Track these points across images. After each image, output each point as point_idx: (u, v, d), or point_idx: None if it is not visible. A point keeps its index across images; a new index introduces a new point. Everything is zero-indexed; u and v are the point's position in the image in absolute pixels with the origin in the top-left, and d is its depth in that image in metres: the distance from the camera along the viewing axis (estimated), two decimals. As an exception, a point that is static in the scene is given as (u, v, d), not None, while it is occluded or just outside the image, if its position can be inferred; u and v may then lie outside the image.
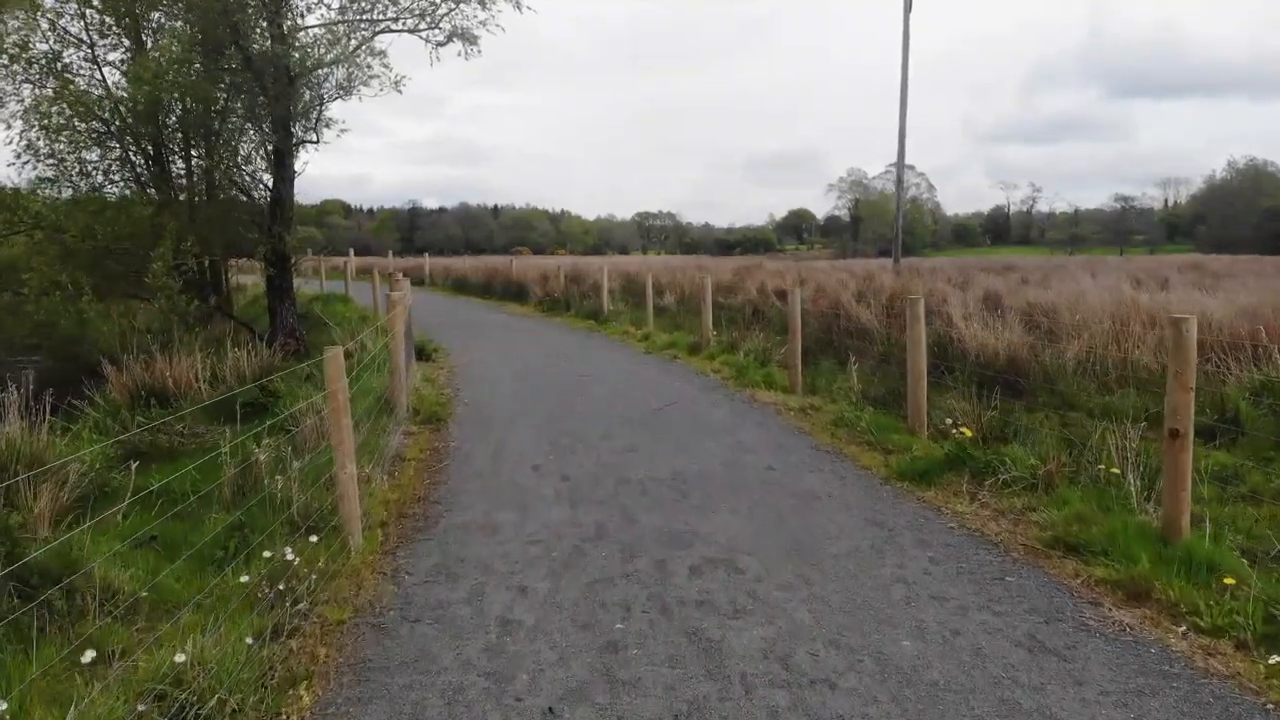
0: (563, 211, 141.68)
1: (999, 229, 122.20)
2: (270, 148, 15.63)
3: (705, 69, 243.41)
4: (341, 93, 16.33)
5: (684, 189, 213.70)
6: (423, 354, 13.07)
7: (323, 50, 15.76)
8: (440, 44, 16.83)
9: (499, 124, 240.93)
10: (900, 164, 36.45)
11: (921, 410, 7.65)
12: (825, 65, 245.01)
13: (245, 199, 15.42)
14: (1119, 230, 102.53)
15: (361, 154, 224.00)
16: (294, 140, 15.71)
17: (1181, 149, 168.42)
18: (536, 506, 6.01)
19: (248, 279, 28.58)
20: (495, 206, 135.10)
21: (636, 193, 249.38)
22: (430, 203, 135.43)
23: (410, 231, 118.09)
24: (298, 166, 16.48)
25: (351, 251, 45.01)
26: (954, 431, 6.84)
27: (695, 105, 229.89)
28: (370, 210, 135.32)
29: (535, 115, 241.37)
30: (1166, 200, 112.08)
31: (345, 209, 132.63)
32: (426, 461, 7.33)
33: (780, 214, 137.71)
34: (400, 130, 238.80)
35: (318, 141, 16.43)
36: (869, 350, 12.68)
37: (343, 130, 17.03)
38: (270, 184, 15.99)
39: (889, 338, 12.91)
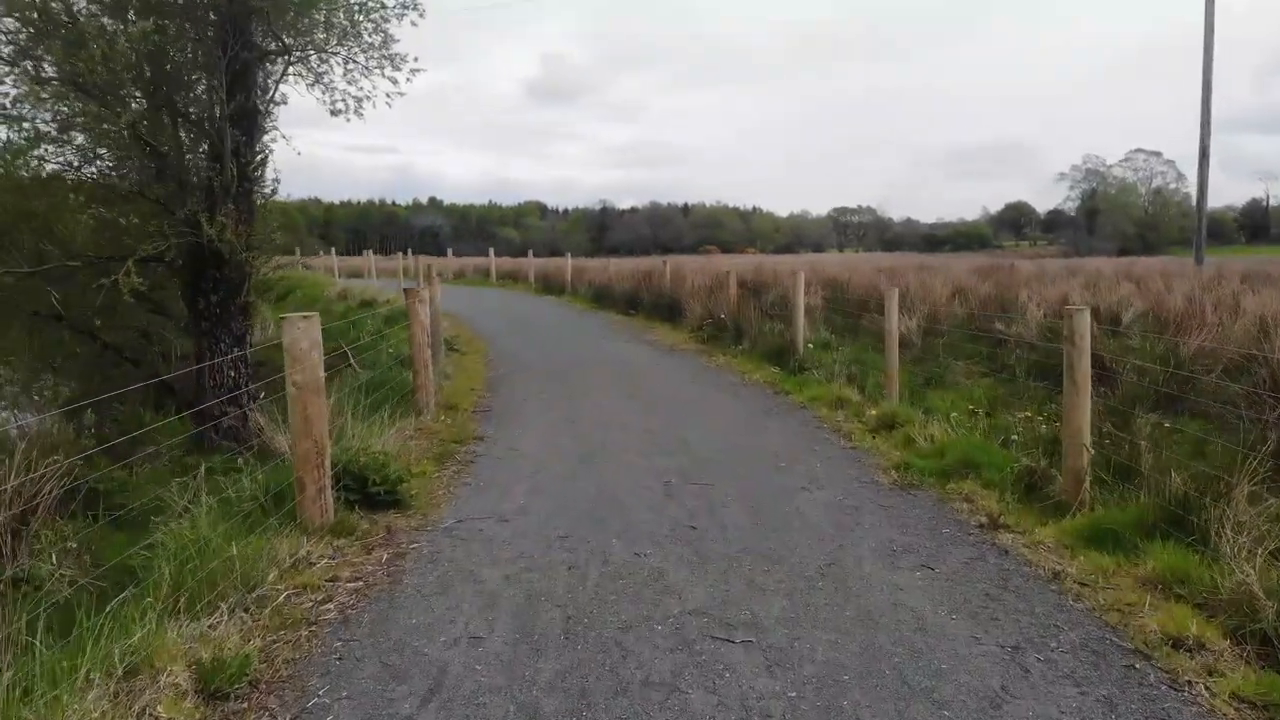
0: (754, 208, 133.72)
1: (1255, 224, 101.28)
2: (224, 70, 8.75)
3: (901, 61, 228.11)
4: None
5: (881, 183, 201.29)
6: (365, 487, 5.55)
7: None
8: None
9: (693, 125, 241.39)
10: (1204, 133, 26.13)
11: None
12: (1032, 54, 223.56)
13: (151, 152, 8.52)
14: None
15: (565, 158, 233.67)
16: (257, 53, 8.83)
17: None
18: None
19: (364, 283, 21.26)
20: (685, 205, 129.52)
21: (830, 188, 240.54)
22: (626, 204, 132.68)
23: (599, 231, 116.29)
24: (274, 107, 9.63)
25: (530, 252, 39.62)
26: None
27: (891, 98, 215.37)
28: (565, 211, 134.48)
29: (728, 115, 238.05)
30: None
31: (541, 210, 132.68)
32: None
33: (994, 207, 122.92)
34: (601, 135, 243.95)
35: (289, 53, 9.44)
36: None
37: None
38: (216, 127, 9.10)
39: None
